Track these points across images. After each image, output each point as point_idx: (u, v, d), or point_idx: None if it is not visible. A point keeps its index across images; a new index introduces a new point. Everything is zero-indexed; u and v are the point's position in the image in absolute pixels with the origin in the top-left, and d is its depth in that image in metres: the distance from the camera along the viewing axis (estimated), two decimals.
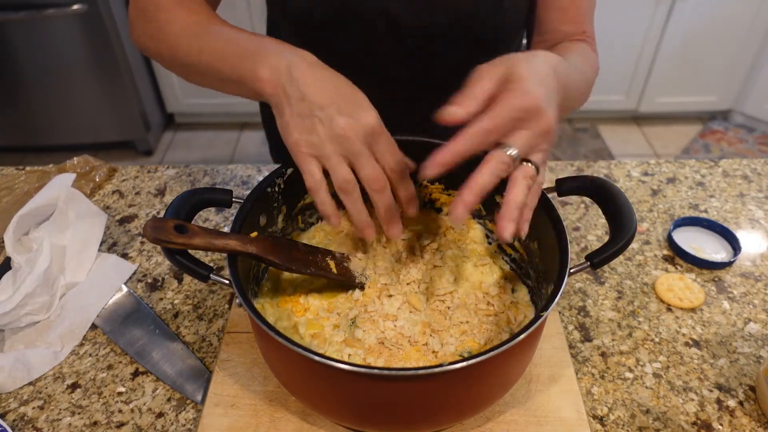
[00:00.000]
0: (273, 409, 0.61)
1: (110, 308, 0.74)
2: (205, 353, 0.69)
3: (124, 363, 0.68)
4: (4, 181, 0.92)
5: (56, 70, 2.35)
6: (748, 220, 0.89)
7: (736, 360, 0.68)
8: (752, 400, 0.64)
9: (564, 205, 0.91)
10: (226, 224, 0.87)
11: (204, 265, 0.53)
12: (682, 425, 0.61)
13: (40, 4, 2.14)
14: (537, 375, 0.64)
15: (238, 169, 0.99)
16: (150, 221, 0.51)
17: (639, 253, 0.83)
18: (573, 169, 0.98)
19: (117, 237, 0.85)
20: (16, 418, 0.62)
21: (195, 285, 0.77)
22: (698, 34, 2.50)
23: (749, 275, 0.79)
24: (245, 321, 0.70)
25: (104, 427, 0.61)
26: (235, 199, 0.61)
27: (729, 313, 0.74)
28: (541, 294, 0.62)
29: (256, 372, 0.64)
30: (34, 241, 0.76)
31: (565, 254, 0.54)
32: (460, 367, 0.45)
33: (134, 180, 0.97)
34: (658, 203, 0.92)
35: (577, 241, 0.85)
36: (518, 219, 0.49)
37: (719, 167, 1.00)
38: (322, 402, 0.55)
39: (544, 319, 0.50)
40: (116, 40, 2.31)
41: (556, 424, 0.59)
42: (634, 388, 0.65)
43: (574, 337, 0.71)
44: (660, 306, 0.75)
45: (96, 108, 2.50)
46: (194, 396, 0.64)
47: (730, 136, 2.80)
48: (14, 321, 0.69)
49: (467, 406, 0.54)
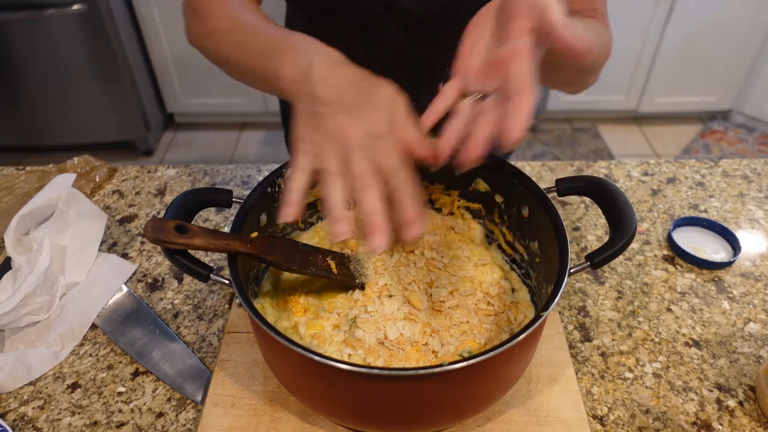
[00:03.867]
0: (273, 409, 0.61)
1: (110, 308, 0.74)
2: (205, 353, 0.69)
3: (124, 363, 0.68)
4: (5, 181, 0.92)
5: (56, 70, 2.35)
6: (748, 220, 0.89)
7: (736, 360, 0.68)
8: (752, 400, 0.64)
9: (564, 205, 0.91)
10: (226, 224, 0.87)
11: (204, 265, 0.53)
12: (682, 425, 0.61)
13: (40, 4, 2.14)
14: (537, 375, 0.64)
15: (238, 169, 0.99)
16: (150, 221, 0.51)
17: (639, 253, 0.83)
18: (573, 169, 0.98)
19: (117, 237, 0.85)
20: (16, 418, 0.62)
21: (195, 285, 0.77)
22: (698, 34, 2.49)
23: (749, 275, 0.79)
24: (245, 321, 0.70)
25: (104, 427, 0.61)
26: (235, 199, 0.61)
27: (729, 313, 0.74)
28: (541, 294, 0.62)
29: (256, 372, 0.64)
30: (34, 241, 0.76)
31: (565, 254, 0.54)
32: (460, 367, 0.45)
33: (134, 180, 0.97)
34: (658, 203, 0.92)
35: (577, 241, 0.85)
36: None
37: (719, 167, 1.00)
38: (322, 402, 0.55)
39: (544, 319, 0.50)
40: (116, 40, 2.31)
41: (556, 424, 0.59)
42: (634, 388, 0.65)
43: (574, 337, 0.71)
44: (660, 306, 0.75)
45: (96, 108, 2.50)
46: (194, 396, 0.64)
47: (730, 136, 2.80)
48: (14, 321, 0.69)
49: (467, 406, 0.54)
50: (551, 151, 2.77)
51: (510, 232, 0.69)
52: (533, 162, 0.99)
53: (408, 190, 0.48)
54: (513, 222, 0.68)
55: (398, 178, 0.48)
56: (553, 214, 0.58)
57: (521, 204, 0.65)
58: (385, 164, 0.48)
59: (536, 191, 0.62)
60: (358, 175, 0.47)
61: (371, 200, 0.47)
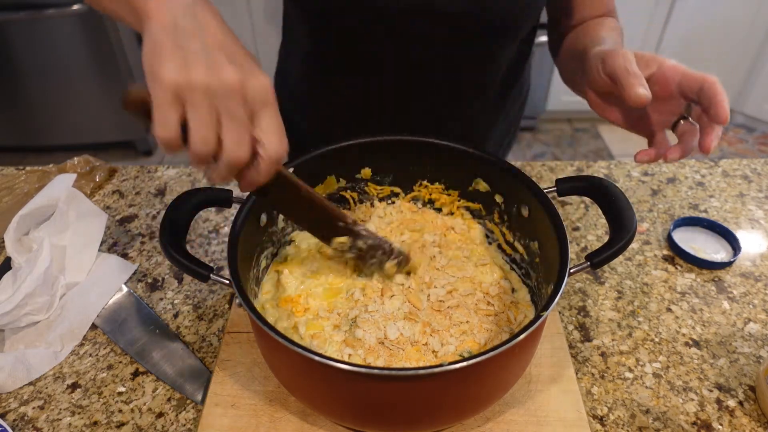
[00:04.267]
0: (273, 409, 0.61)
1: (110, 308, 0.74)
2: (205, 353, 0.69)
3: (124, 363, 0.68)
4: (5, 181, 0.92)
5: (56, 70, 2.35)
6: (747, 220, 0.89)
7: (736, 360, 0.68)
8: (752, 400, 0.64)
9: (564, 205, 0.91)
10: (226, 224, 0.87)
11: (204, 265, 0.53)
12: (682, 425, 0.61)
13: (40, 4, 2.14)
14: (537, 375, 0.64)
15: None
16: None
17: (639, 253, 0.83)
18: (573, 169, 0.98)
19: (117, 237, 0.85)
20: (17, 418, 0.62)
21: (195, 285, 0.77)
22: (698, 34, 2.50)
23: (749, 275, 0.79)
24: (245, 321, 0.70)
25: (104, 427, 0.61)
26: (235, 199, 0.61)
27: (729, 313, 0.74)
28: (541, 294, 0.62)
29: (256, 372, 0.64)
30: (34, 241, 0.76)
31: (565, 254, 0.54)
32: (460, 367, 0.45)
33: (134, 180, 0.97)
34: (658, 203, 0.92)
35: (577, 241, 0.85)
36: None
37: (719, 167, 1.00)
38: (322, 402, 0.55)
39: (544, 319, 0.50)
40: (116, 40, 2.31)
41: (556, 424, 0.59)
42: (634, 388, 0.65)
43: (574, 337, 0.71)
44: (660, 306, 0.75)
45: (96, 108, 2.50)
46: (194, 396, 0.64)
47: (730, 136, 2.80)
48: (14, 321, 0.69)
49: (467, 406, 0.54)
50: (551, 151, 2.77)
51: (510, 232, 0.69)
52: (533, 162, 0.99)
53: (275, 168, 0.46)
54: (513, 222, 0.68)
55: (272, 160, 0.45)
56: (553, 214, 0.58)
57: (521, 204, 0.65)
58: (269, 143, 0.45)
59: (536, 191, 0.61)
60: (232, 150, 0.43)
61: (225, 173, 0.44)
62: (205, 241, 0.84)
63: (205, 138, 0.42)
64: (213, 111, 0.42)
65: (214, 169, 0.44)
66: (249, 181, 0.47)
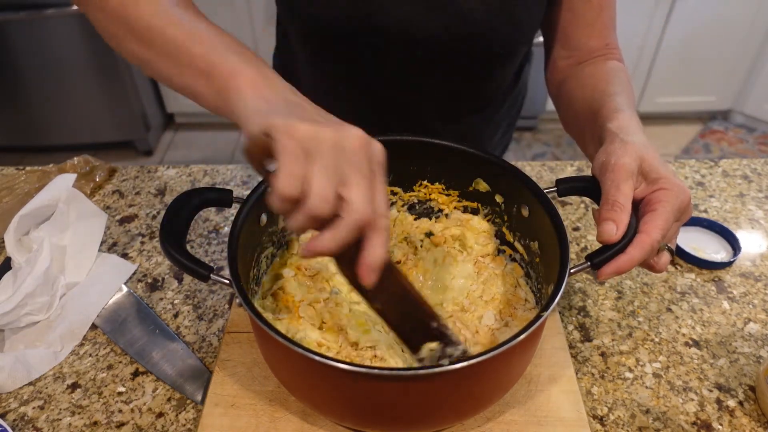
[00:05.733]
0: (273, 409, 0.61)
1: (110, 308, 0.74)
2: (205, 353, 0.69)
3: (124, 363, 0.68)
4: (5, 181, 0.92)
5: (56, 70, 2.35)
6: (748, 220, 0.89)
7: (736, 360, 0.68)
8: (752, 400, 0.64)
9: (564, 205, 0.91)
10: (226, 224, 0.87)
11: (204, 265, 0.53)
12: (682, 425, 0.61)
13: (40, 4, 2.14)
14: (537, 375, 0.64)
15: (238, 169, 0.99)
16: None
17: None
18: (573, 169, 0.98)
19: (117, 237, 0.85)
20: (16, 418, 0.62)
21: (195, 285, 0.77)
22: (698, 34, 2.49)
23: (749, 275, 0.79)
24: (245, 321, 0.70)
25: (104, 427, 0.61)
26: (235, 199, 0.61)
27: (729, 313, 0.74)
28: (541, 294, 0.62)
29: (256, 372, 0.64)
30: (34, 241, 0.76)
31: (565, 254, 0.54)
32: (460, 367, 0.45)
33: (134, 180, 0.97)
34: None
35: (577, 241, 0.85)
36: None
37: (719, 167, 1.00)
38: (322, 402, 0.55)
39: (544, 319, 0.50)
40: None
41: (556, 424, 0.59)
42: (634, 388, 0.65)
43: (574, 337, 0.71)
44: (660, 306, 0.75)
45: (96, 108, 2.50)
46: (194, 396, 0.64)
47: (730, 136, 2.80)
48: (14, 321, 0.69)
49: (467, 406, 0.54)
50: (551, 151, 2.77)
51: (510, 232, 0.69)
52: (533, 162, 0.99)
53: (387, 231, 0.43)
54: (513, 222, 0.68)
55: (383, 219, 0.43)
56: (553, 214, 0.58)
57: (521, 204, 0.65)
58: (382, 203, 0.43)
59: (536, 191, 0.61)
60: (360, 209, 0.41)
61: (346, 236, 0.42)
62: (205, 241, 0.84)
63: (324, 195, 0.40)
64: (338, 168, 0.41)
65: (330, 227, 0.41)
66: (368, 259, 0.43)
